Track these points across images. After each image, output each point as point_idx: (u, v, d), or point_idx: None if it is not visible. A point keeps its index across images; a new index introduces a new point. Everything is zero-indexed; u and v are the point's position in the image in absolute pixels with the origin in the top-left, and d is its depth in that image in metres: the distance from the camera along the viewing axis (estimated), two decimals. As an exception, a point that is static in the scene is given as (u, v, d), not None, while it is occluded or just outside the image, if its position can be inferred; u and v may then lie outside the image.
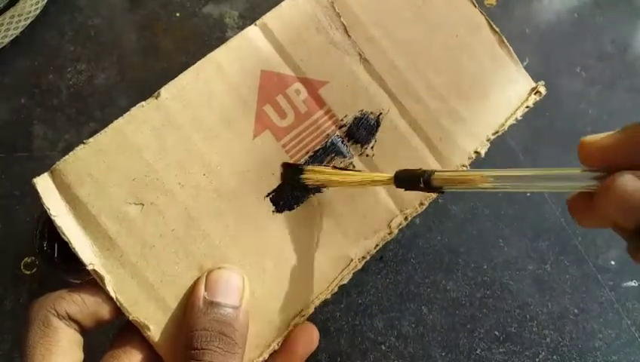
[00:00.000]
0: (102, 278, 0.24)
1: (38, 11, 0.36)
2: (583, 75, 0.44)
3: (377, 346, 0.35)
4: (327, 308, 0.35)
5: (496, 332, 0.37)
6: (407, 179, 0.24)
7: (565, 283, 0.38)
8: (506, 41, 0.32)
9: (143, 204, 0.26)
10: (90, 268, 0.24)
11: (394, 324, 0.36)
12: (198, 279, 0.25)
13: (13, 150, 0.25)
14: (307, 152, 0.28)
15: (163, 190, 0.26)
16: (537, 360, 0.37)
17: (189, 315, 0.24)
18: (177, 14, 0.42)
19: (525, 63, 0.44)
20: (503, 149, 0.41)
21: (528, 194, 0.40)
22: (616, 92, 0.44)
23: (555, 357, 0.37)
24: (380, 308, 0.36)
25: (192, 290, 0.25)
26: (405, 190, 0.25)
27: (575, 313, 0.38)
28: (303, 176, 0.27)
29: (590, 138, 0.21)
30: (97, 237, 0.25)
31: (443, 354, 0.36)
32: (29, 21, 0.36)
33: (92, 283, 0.24)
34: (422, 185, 0.23)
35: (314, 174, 0.27)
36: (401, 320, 0.36)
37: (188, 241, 0.26)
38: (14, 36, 0.35)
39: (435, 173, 0.23)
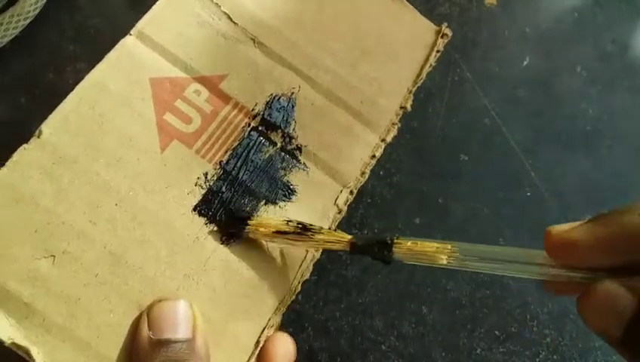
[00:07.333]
0: (27, 351, 0.21)
1: (37, 11, 0.36)
2: (583, 75, 0.44)
3: (377, 346, 0.35)
4: (327, 308, 0.35)
5: (497, 332, 0.37)
6: (365, 245, 0.24)
7: (565, 282, 0.38)
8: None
9: (54, 256, 0.22)
10: (9, 343, 0.21)
11: (394, 324, 0.36)
12: (139, 319, 0.22)
13: (13, 150, 0.25)
14: (226, 152, 0.26)
15: (73, 234, 0.23)
16: (538, 359, 0.37)
17: None
18: (177, 14, 0.42)
19: (525, 63, 0.44)
20: (503, 150, 0.41)
21: (528, 194, 0.40)
22: (616, 92, 0.44)
23: (555, 356, 0.37)
24: (380, 308, 0.36)
25: (135, 333, 0.22)
26: (361, 255, 0.24)
27: (575, 312, 0.38)
28: (247, 227, 0.25)
29: (558, 229, 0.19)
30: (10, 307, 0.21)
31: (443, 354, 0.36)
32: (28, 21, 0.36)
33: None
34: (379, 251, 0.23)
35: (260, 227, 0.25)
36: (401, 320, 0.36)
37: (117, 282, 0.23)
38: (14, 36, 0.35)
39: (395, 243, 0.23)
